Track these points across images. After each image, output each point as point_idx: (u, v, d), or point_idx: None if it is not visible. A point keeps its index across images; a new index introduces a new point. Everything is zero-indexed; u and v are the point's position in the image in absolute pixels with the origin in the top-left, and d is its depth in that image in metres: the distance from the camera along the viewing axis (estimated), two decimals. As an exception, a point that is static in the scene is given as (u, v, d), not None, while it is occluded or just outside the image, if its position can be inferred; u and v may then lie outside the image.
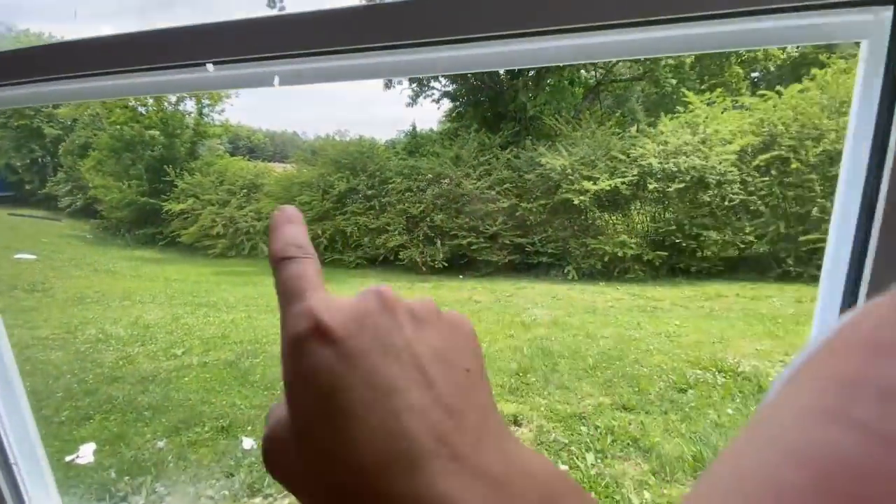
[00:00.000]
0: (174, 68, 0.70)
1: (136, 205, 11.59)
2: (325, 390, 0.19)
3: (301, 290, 0.21)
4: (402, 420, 0.18)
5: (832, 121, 7.20)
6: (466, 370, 0.21)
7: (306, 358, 0.19)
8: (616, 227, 8.28)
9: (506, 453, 0.19)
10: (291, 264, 0.23)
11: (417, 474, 0.17)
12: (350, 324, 0.20)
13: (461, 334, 0.23)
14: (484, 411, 0.20)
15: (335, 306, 0.21)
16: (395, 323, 0.21)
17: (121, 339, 4.92)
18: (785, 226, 7.29)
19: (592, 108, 11.19)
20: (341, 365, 0.19)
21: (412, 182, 9.32)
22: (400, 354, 0.20)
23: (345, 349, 0.19)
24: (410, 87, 12.90)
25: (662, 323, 5.01)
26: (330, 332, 0.19)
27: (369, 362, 0.19)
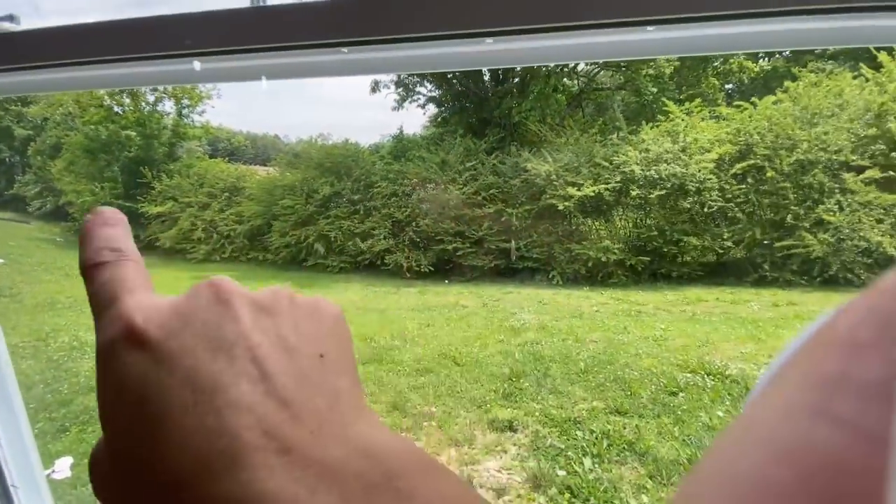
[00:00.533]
0: (155, 59, 0.66)
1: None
2: (136, 398, 0.17)
3: (114, 294, 0.19)
4: (223, 417, 0.17)
5: (804, 131, 7.50)
6: (320, 356, 0.20)
7: (115, 366, 0.18)
8: (599, 232, 8.41)
9: (348, 438, 0.18)
10: (104, 269, 0.21)
11: (237, 472, 0.16)
12: (170, 322, 0.18)
13: (318, 319, 0.21)
14: (334, 396, 0.19)
15: (153, 306, 0.19)
16: (228, 315, 0.19)
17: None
18: (761, 232, 7.54)
19: (575, 115, 11.38)
20: (155, 369, 0.17)
21: (398, 186, 9.28)
22: (231, 349, 0.18)
23: (161, 352, 0.18)
24: (396, 91, 12.89)
25: (648, 327, 5.09)
26: (142, 335, 0.18)
27: (190, 362, 0.18)
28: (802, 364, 0.13)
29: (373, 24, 0.58)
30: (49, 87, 0.72)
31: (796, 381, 0.12)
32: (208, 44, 0.63)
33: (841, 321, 0.12)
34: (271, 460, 0.16)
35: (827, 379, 0.11)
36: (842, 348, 0.11)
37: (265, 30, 0.60)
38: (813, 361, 0.12)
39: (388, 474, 0.17)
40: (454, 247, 8.55)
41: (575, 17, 0.49)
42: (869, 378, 0.10)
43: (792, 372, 0.13)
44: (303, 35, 0.60)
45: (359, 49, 0.62)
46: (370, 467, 0.17)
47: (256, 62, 0.67)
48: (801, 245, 7.15)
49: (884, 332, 0.11)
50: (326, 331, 0.21)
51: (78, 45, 0.64)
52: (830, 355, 0.12)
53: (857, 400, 0.10)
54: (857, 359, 0.11)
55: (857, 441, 0.10)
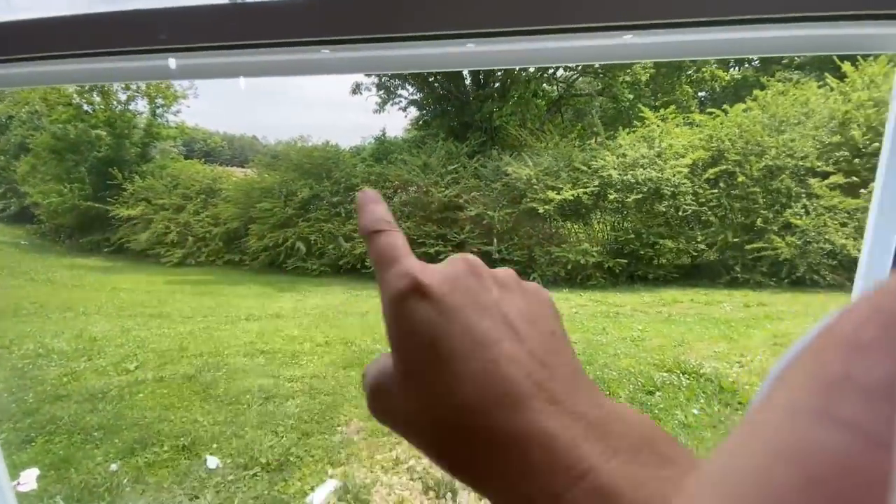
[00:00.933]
0: (128, 54, 0.65)
1: (78, 209, 10.82)
2: (428, 339, 0.21)
3: (396, 256, 0.24)
4: (501, 366, 0.20)
5: (772, 138, 7.79)
6: (551, 332, 0.23)
7: (409, 312, 0.22)
8: (578, 235, 8.54)
9: (599, 403, 0.21)
10: (384, 235, 0.25)
11: (521, 412, 0.19)
12: (444, 284, 0.22)
13: (541, 300, 0.25)
14: (571, 368, 0.22)
15: (429, 269, 0.23)
16: (482, 285, 0.23)
17: (64, 353, 4.55)
18: (732, 235, 7.78)
19: (555, 120, 11.54)
20: (440, 318, 0.22)
21: (379, 189, 9.24)
22: (491, 312, 0.22)
23: (442, 305, 0.22)
24: (378, 93, 12.85)
25: (626, 328, 5.19)
26: (428, 290, 0.22)
27: (464, 316, 0.22)
28: (806, 365, 0.13)
29: (354, 23, 0.58)
30: (18, 81, 0.70)
31: (800, 382, 0.12)
32: (184, 40, 0.63)
33: (845, 322, 0.12)
34: (546, 407, 0.20)
35: (831, 380, 0.11)
36: (846, 349, 0.11)
37: (244, 27, 0.60)
38: (816, 362, 0.12)
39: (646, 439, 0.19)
40: (436, 250, 8.55)
41: (554, 21, 0.51)
42: (873, 379, 0.10)
43: (795, 373, 0.13)
44: (283, 33, 0.60)
45: (340, 48, 0.62)
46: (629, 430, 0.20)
47: (234, 59, 0.66)
48: (770, 248, 7.41)
49: (889, 332, 0.11)
50: (549, 312, 0.25)
51: (48, 39, 0.62)
52: (834, 356, 0.12)
53: (861, 401, 0.10)
54: (861, 360, 0.11)
55: (861, 443, 0.10)
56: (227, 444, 2.98)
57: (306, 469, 2.71)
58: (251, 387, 3.79)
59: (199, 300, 7.06)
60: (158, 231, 9.95)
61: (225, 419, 3.31)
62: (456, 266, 0.24)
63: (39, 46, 0.63)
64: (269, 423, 3.23)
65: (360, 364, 4.22)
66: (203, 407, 3.50)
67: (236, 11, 0.63)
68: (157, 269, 9.52)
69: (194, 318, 5.99)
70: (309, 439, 3.02)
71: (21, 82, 0.74)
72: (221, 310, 6.42)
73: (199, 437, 3.07)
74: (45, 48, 0.63)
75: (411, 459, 2.78)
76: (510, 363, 0.21)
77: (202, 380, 3.96)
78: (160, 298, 7.12)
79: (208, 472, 2.72)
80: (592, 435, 0.19)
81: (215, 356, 4.50)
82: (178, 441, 3.01)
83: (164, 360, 4.40)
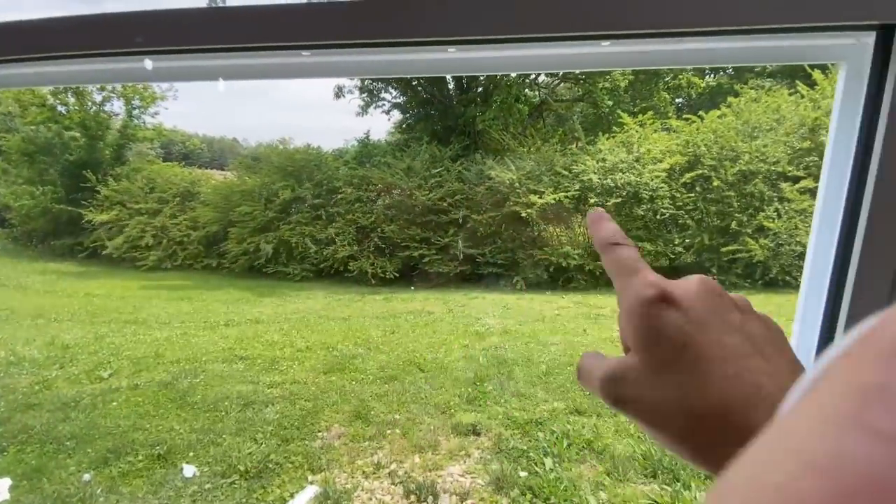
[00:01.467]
0: (103, 56, 0.65)
1: (51, 213, 10.47)
2: (680, 342, 0.24)
3: (638, 267, 0.27)
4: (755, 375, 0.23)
5: (746, 144, 8.04)
6: (791, 361, 0.26)
7: (658, 317, 0.24)
8: (560, 238, 8.65)
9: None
10: (622, 248, 0.28)
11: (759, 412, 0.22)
12: (688, 296, 0.25)
13: (777, 329, 0.27)
14: None
15: (673, 283, 0.26)
16: (725, 305, 0.26)
17: (35, 361, 4.39)
18: (708, 238, 7.99)
19: (537, 125, 11.68)
20: (690, 326, 0.24)
21: (362, 192, 9.19)
22: (739, 330, 0.25)
23: (690, 315, 0.24)
24: (361, 96, 12.80)
25: (606, 329, 5.27)
26: (676, 300, 0.25)
27: (714, 328, 0.24)
28: (841, 373, 0.12)
29: (334, 28, 0.58)
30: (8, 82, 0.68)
31: (834, 389, 0.12)
32: (161, 42, 0.62)
33: (884, 330, 0.12)
34: None
35: (867, 389, 0.11)
36: (885, 358, 0.11)
37: (223, 30, 0.60)
38: (852, 370, 0.12)
39: None
40: (420, 253, 8.54)
41: (536, 29, 0.52)
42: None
43: (830, 380, 0.12)
44: (263, 37, 0.59)
45: (320, 52, 0.62)
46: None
47: (213, 62, 0.66)
48: (745, 250, 7.62)
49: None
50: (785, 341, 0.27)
51: (22, 42, 0.61)
52: (872, 364, 0.11)
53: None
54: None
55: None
56: (205, 452, 2.91)
57: (286, 476, 2.67)
58: (230, 393, 3.72)
59: (177, 305, 6.90)
60: (134, 235, 9.69)
61: (202, 427, 3.24)
62: (698, 284, 0.26)
63: (15, 49, 0.62)
64: (248, 430, 3.17)
65: (341, 369, 4.18)
66: (180, 414, 3.42)
67: (216, 14, 0.62)
68: (133, 274, 9.27)
69: (171, 323, 5.86)
70: (289, 445, 2.97)
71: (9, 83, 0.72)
72: (199, 315, 6.28)
73: (176, 445, 2.99)
74: (20, 51, 0.62)
75: (392, 464, 2.76)
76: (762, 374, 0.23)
77: (179, 387, 3.87)
78: (135, 304, 6.94)
79: (185, 480, 2.65)
80: None
81: (193, 363, 4.40)
82: (154, 450, 2.93)
83: (140, 368, 4.28)
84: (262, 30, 0.59)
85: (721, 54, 0.56)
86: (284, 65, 0.66)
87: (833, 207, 0.53)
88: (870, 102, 0.46)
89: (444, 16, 0.55)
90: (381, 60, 0.63)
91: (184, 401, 3.63)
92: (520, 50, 0.60)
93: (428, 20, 0.55)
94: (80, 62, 0.65)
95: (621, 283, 0.27)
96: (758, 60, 0.55)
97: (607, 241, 0.29)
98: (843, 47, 0.48)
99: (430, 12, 0.56)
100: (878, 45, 0.45)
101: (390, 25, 0.57)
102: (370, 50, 0.60)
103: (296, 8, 0.58)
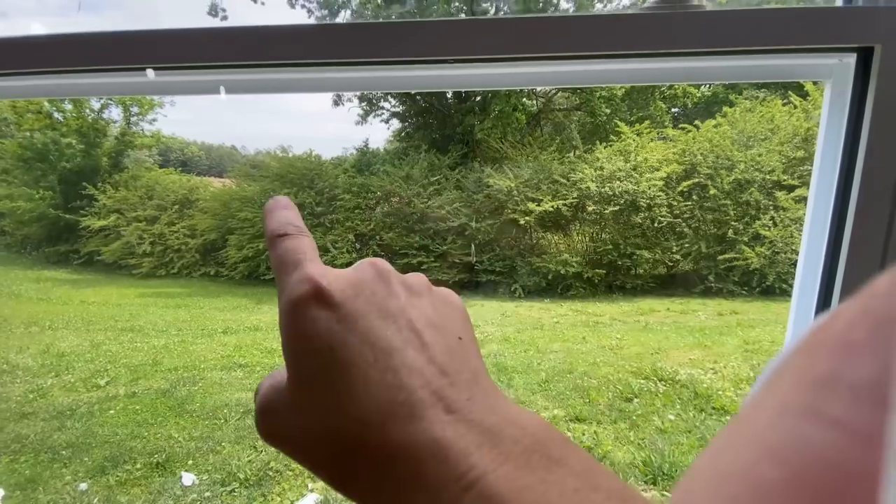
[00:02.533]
0: (108, 71, 0.67)
1: (47, 220, 10.45)
2: (325, 348, 0.20)
3: (299, 260, 0.23)
4: (400, 375, 0.20)
5: (741, 153, 8.13)
6: (459, 338, 0.23)
7: (306, 319, 0.21)
8: (559, 246, 8.68)
9: (496, 408, 0.20)
10: (288, 239, 0.24)
11: (416, 423, 0.19)
12: (348, 289, 0.22)
13: (451, 306, 0.25)
14: (475, 374, 0.22)
15: (333, 274, 0.22)
16: (390, 291, 0.23)
17: (29, 369, 4.37)
18: (706, 246, 8.04)
19: (535, 133, 11.77)
20: (340, 325, 0.21)
21: (361, 199, 9.23)
22: (396, 319, 0.22)
23: (343, 311, 0.21)
24: (360, 105, 12.87)
25: (605, 337, 5.29)
26: (329, 296, 0.21)
27: (367, 324, 0.21)
28: (796, 365, 0.13)
29: (339, 49, 0.61)
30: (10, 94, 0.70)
31: (789, 381, 0.12)
32: (167, 59, 0.64)
33: (835, 323, 0.13)
34: (442, 416, 0.19)
35: (819, 379, 0.11)
36: (835, 349, 0.12)
37: (226, 48, 0.62)
38: (806, 362, 0.12)
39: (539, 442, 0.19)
40: (419, 260, 8.56)
41: (532, 50, 0.55)
42: (861, 378, 0.10)
43: (785, 373, 0.13)
44: (268, 56, 0.62)
45: (324, 69, 0.64)
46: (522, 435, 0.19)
47: (215, 77, 0.68)
48: (741, 258, 7.67)
49: (876, 333, 0.11)
50: (459, 317, 0.25)
51: (32, 56, 0.64)
52: (823, 356, 0.12)
53: (849, 400, 0.10)
54: (849, 359, 0.11)
55: (849, 441, 0.10)
56: (204, 460, 2.90)
57: (286, 483, 2.67)
58: (229, 401, 3.71)
59: (174, 313, 6.88)
60: (130, 242, 9.68)
61: (201, 434, 3.23)
62: (363, 271, 0.23)
63: (28, 62, 0.64)
64: (248, 438, 3.16)
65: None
66: (178, 422, 3.41)
67: (220, 35, 0.65)
68: (130, 281, 9.24)
69: (168, 331, 5.84)
70: (289, 453, 2.96)
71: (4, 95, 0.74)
72: (197, 323, 6.27)
73: (174, 453, 2.98)
74: (33, 64, 0.64)
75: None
76: (410, 372, 0.20)
77: (177, 395, 3.86)
78: (132, 312, 6.91)
79: (183, 489, 2.64)
80: (486, 442, 0.19)
81: (191, 370, 4.39)
82: (152, 458, 2.92)
83: (137, 375, 4.27)
84: (264, 48, 0.62)
85: (712, 72, 0.59)
86: (285, 80, 0.68)
87: (821, 216, 0.56)
88: (853, 117, 0.49)
89: (444, 39, 0.58)
90: (379, 77, 0.66)
91: (182, 408, 3.61)
92: (516, 68, 0.62)
93: (428, 42, 0.58)
94: (88, 76, 0.67)
95: (279, 282, 0.23)
96: (746, 78, 0.58)
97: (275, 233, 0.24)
98: (827, 66, 0.51)
99: (430, 36, 0.58)
100: (858, 64, 0.47)
101: (393, 46, 0.59)
102: (372, 68, 0.63)
103: (300, 29, 0.61)
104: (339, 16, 11.22)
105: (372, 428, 0.19)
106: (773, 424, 0.11)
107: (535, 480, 0.18)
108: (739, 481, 0.11)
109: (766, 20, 0.46)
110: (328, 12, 11.16)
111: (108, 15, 13.13)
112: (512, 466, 0.18)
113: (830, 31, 0.45)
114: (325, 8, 11.16)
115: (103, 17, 12.54)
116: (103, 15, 13.01)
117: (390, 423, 0.19)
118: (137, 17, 12.23)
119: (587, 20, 0.51)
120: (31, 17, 12.28)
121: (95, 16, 13.30)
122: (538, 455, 0.19)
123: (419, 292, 0.24)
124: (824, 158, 0.54)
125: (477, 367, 0.22)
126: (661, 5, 0.49)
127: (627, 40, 0.51)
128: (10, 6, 11.81)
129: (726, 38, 0.48)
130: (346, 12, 11.17)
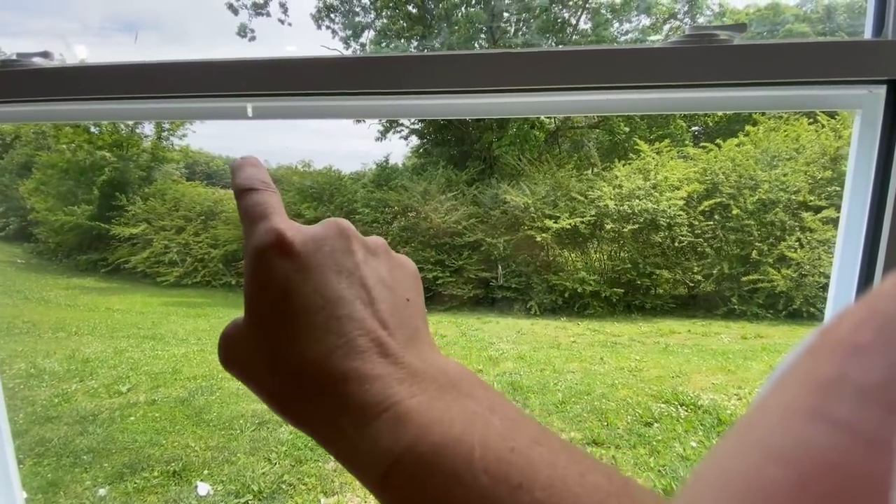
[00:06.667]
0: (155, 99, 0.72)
1: (81, 229, 10.85)
2: (280, 293, 0.23)
3: (266, 213, 0.25)
4: (342, 323, 0.23)
5: (765, 173, 7.98)
6: (406, 299, 0.26)
7: (267, 266, 0.24)
8: (576, 264, 8.60)
9: (426, 358, 0.24)
10: (255, 194, 0.26)
11: (350, 360, 0.22)
12: (309, 243, 0.24)
13: (404, 270, 0.28)
14: (415, 331, 0.25)
15: (296, 228, 0.25)
16: (348, 248, 0.25)
17: (55, 374, 4.49)
18: (728, 267, 7.85)
19: (552, 151, 11.79)
20: (297, 274, 0.23)
21: (379, 214, 9.34)
22: (350, 274, 0.24)
23: (301, 262, 0.23)
24: (380, 122, 13.12)
25: (624, 358, 5.18)
26: (290, 247, 0.24)
27: (321, 275, 0.23)
28: (802, 367, 0.13)
29: (365, 80, 0.64)
30: (61, 116, 0.75)
31: (795, 383, 0.12)
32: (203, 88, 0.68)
33: (841, 324, 0.12)
34: (374, 358, 0.22)
35: (825, 381, 0.11)
36: (841, 350, 0.12)
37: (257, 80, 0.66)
38: (812, 364, 0.12)
39: (453, 382, 0.23)
40: (434, 275, 8.57)
41: (547, 82, 0.56)
42: (868, 380, 0.10)
43: (792, 375, 0.13)
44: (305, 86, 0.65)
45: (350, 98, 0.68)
46: (442, 377, 0.23)
47: (243, 104, 0.72)
48: (766, 280, 7.46)
49: (883, 334, 0.11)
50: (411, 281, 0.28)
51: (97, 83, 0.68)
52: (830, 358, 0.12)
53: (856, 402, 0.10)
54: (856, 361, 0.11)
55: (855, 444, 0.10)
56: (219, 471, 2.92)
57: (299, 497, 2.66)
58: (244, 411, 3.74)
59: (195, 322, 7.01)
60: (157, 251, 9.97)
61: (217, 444, 3.26)
62: (327, 228, 0.26)
63: (91, 89, 0.69)
64: (262, 450, 3.18)
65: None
66: (195, 431, 3.45)
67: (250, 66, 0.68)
68: (154, 290, 9.48)
69: (188, 340, 5.95)
70: (302, 466, 2.97)
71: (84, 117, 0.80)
72: (216, 332, 6.31)
73: (191, 462, 3.01)
74: (101, 91, 0.69)
75: (406, 489, 2.73)
76: (353, 322, 0.23)
77: (195, 403, 3.91)
78: (155, 320, 7.07)
79: (199, 498, 2.66)
80: (407, 379, 0.22)
81: (209, 380, 4.45)
82: (169, 466, 2.95)
83: (157, 383, 4.35)
84: (306, 80, 0.65)
85: (741, 101, 0.60)
86: (309, 107, 0.72)
87: (853, 242, 0.55)
88: (884, 145, 0.49)
89: (459, 73, 0.60)
90: (402, 105, 0.69)
91: (199, 418, 3.66)
92: (531, 98, 0.64)
93: (444, 75, 0.61)
94: (144, 102, 0.72)
95: (246, 231, 0.25)
96: (775, 107, 0.59)
97: (242, 187, 0.26)
98: (857, 97, 0.51)
99: (445, 70, 0.61)
100: (889, 96, 0.47)
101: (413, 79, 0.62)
102: (395, 97, 0.66)
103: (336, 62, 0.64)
104: (363, 36, 11.52)
105: (311, 362, 0.22)
106: (779, 426, 0.11)
107: (441, 405, 0.21)
108: (744, 483, 0.11)
109: (795, 53, 0.47)
110: (352, 33, 11.48)
111: (142, 35, 13.74)
112: (426, 398, 0.21)
113: (858, 64, 0.45)
114: (349, 29, 11.49)
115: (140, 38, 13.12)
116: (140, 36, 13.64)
117: (328, 358, 0.22)
118: (171, 39, 12.73)
119: (613, 54, 0.52)
120: (76, 37, 12.91)
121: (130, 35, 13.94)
122: (450, 389, 0.22)
123: (376, 253, 0.27)
124: (855, 185, 0.54)
125: (418, 326, 0.25)
126: (688, 40, 0.50)
127: (655, 74, 0.52)
128: (55, 27, 12.48)
129: (755, 71, 0.49)
130: (369, 33, 11.48)
